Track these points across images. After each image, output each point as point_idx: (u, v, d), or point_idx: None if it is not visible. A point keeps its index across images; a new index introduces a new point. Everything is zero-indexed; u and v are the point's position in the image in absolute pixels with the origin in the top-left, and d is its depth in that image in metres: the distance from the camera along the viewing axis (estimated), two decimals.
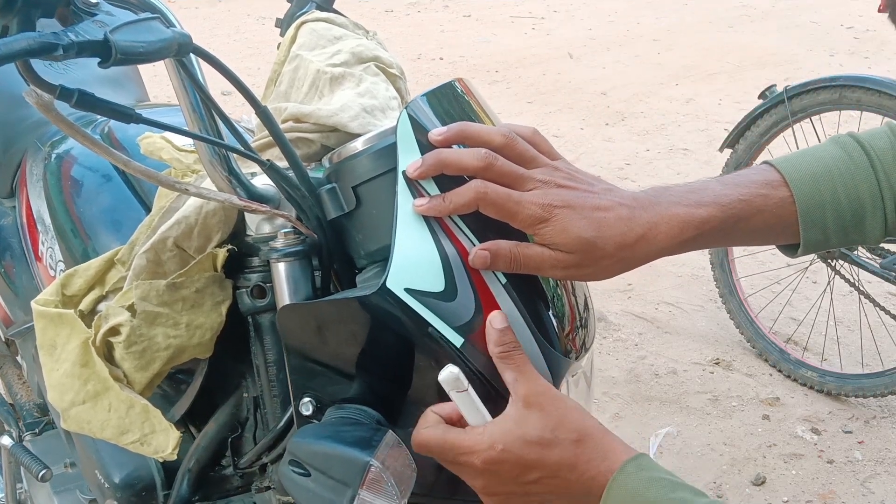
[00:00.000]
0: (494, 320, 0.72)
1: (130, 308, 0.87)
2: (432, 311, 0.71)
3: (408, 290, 0.71)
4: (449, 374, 0.69)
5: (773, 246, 0.82)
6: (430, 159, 0.71)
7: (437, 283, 0.72)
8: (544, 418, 0.68)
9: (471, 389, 0.70)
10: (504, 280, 0.75)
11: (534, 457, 0.68)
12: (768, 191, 0.76)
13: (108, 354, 0.89)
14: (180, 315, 0.88)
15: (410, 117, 0.75)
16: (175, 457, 0.89)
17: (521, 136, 0.74)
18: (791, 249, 0.80)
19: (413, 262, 0.72)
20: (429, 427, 0.72)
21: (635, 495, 0.65)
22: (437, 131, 0.73)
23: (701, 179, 0.78)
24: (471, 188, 0.70)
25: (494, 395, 0.75)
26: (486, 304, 0.74)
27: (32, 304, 0.92)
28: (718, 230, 0.74)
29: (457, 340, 0.71)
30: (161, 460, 0.91)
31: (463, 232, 0.74)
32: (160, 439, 0.89)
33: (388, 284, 0.71)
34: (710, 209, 0.73)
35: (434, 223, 0.73)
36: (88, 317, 0.93)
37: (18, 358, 1.59)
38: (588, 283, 1.03)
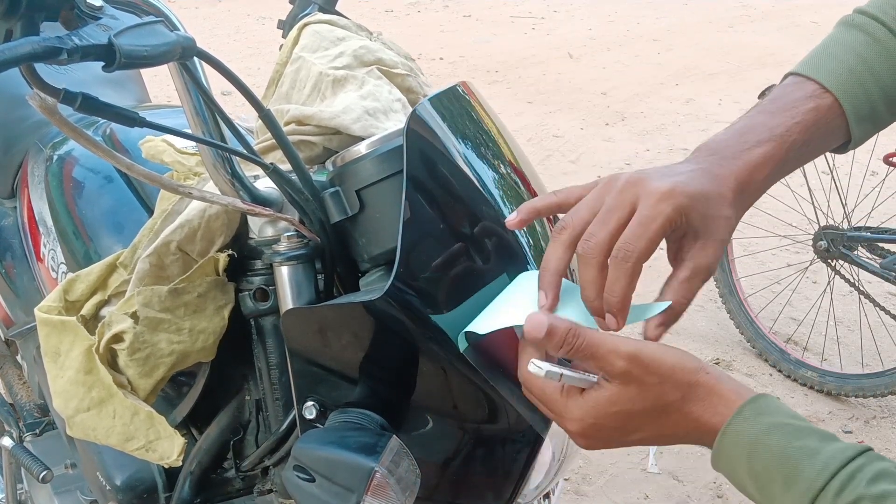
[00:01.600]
0: (534, 330, 0.64)
1: (133, 315, 0.87)
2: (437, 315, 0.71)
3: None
4: (538, 371, 0.63)
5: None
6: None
7: None
8: (642, 392, 0.63)
9: (566, 371, 0.64)
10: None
11: (632, 425, 0.64)
12: (815, 103, 0.73)
13: (111, 361, 0.89)
14: (183, 320, 0.88)
15: (421, 121, 0.75)
16: (180, 463, 0.89)
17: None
18: (840, 148, 0.78)
19: None
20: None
21: (755, 443, 0.59)
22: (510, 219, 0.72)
23: (742, 118, 0.74)
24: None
25: (498, 401, 0.75)
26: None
27: (35, 311, 0.92)
28: (786, 161, 0.71)
29: (461, 345, 0.71)
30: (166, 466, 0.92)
31: None
32: (165, 446, 0.89)
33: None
34: (773, 144, 0.70)
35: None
36: (91, 321, 0.93)
37: (19, 358, 1.59)
38: None
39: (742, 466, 0.60)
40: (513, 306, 0.70)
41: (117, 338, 0.87)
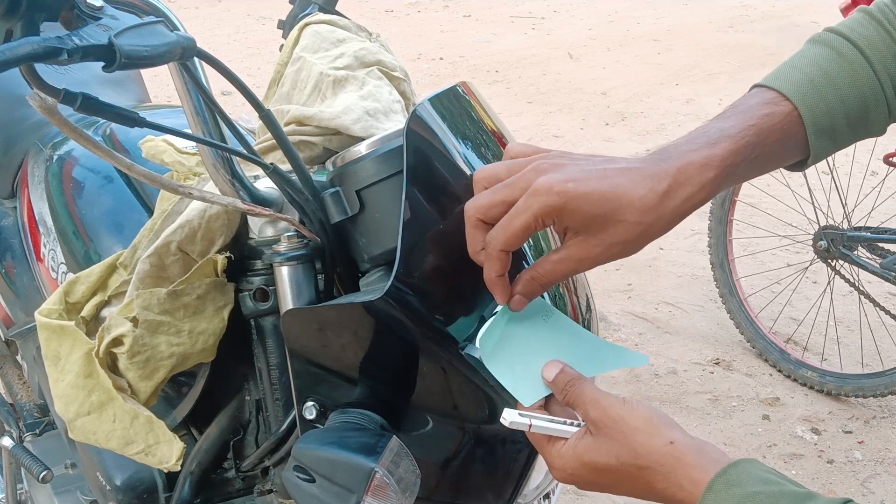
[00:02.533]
0: (546, 373, 0.70)
1: (133, 318, 0.87)
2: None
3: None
4: (512, 418, 0.68)
5: (781, 168, 0.77)
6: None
7: None
8: (608, 445, 0.66)
9: (535, 420, 0.68)
10: None
11: (605, 480, 0.67)
12: (771, 109, 0.71)
13: (112, 365, 0.89)
14: (182, 322, 0.88)
15: (421, 121, 0.75)
16: (179, 467, 0.89)
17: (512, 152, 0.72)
18: (798, 165, 0.76)
19: None
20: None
21: None
22: None
23: (699, 126, 0.72)
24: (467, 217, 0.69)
25: (498, 401, 0.75)
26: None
27: (36, 314, 0.92)
28: (737, 164, 0.69)
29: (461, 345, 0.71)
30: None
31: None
32: (164, 450, 0.89)
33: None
34: (723, 145, 0.68)
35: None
36: (92, 322, 0.93)
37: (19, 358, 1.59)
38: (589, 283, 1.04)
39: None
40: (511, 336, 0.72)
41: (117, 341, 0.87)
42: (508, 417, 0.68)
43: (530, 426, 0.68)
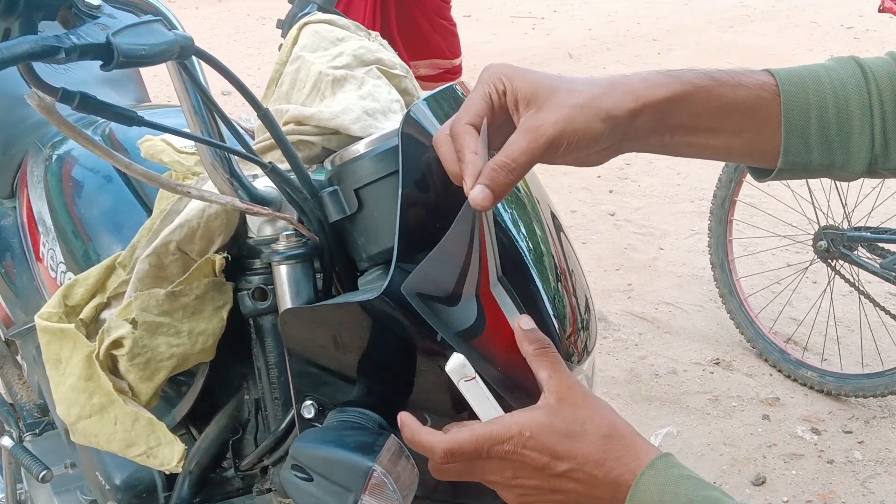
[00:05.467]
0: (523, 322, 0.72)
1: (132, 320, 0.87)
2: (435, 315, 0.71)
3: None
4: (456, 363, 0.68)
5: (748, 165, 0.76)
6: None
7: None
8: (575, 412, 0.67)
9: (478, 379, 0.68)
10: (509, 285, 0.75)
11: (563, 448, 0.66)
12: (751, 73, 0.72)
13: (112, 367, 0.89)
14: (181, 323, 0.88)
15: (415, 121, 0.75)
16: (180, 469, 0.89)
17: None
18: (764, 174, 0.75)
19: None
20: (455, 430, 0.68)
21: (664, 491, 0.64)
22: None
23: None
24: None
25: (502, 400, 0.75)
26: (488, 308, 0.74)
27: (36, 318, 0.92)
28: (697, 89, 0.69)
29: (459, 346, 0.71)
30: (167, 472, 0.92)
31: None
32: (165, 452, 0.89)
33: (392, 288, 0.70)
34: (684, 71, 0.71)
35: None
36: (91, 325, 0.93)
37: (19, 358, 1.59)
38: (588, 284, 1.03)
39: None
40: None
41: (117, 343, 0.87)
42: (456, 361, 0.67)
43: (474, 378, 0.67)
